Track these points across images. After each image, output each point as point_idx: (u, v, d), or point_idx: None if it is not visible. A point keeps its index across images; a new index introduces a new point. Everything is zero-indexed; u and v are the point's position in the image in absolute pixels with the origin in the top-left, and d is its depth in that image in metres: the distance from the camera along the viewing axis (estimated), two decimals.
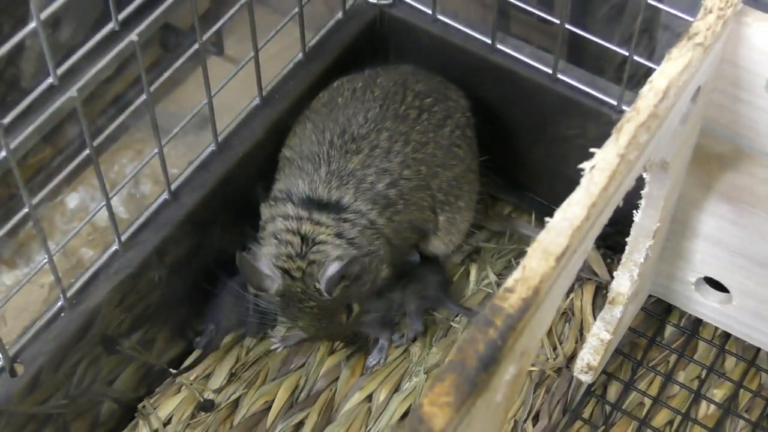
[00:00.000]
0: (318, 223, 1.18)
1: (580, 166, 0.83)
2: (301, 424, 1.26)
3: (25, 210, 1.02)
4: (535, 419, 1.26)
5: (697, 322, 1.32)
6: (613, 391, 1.28)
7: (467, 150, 1.29)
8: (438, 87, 1.29)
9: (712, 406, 1.27)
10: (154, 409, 1.27)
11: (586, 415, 1.26)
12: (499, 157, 1.33)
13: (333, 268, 1.15)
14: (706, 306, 1.28)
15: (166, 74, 1.13)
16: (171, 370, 1.28)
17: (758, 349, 1.30)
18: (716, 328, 1.32)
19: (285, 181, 1.23)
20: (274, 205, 1.21)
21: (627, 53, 1.18)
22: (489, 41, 1.30)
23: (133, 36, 1.03)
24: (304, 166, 1.21)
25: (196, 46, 1.13)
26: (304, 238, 1.17)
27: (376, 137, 1.21)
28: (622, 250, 1.13)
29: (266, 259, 1.18)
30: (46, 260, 1.07)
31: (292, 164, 1.23)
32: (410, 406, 1.27)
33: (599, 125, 1.25)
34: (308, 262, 1.17)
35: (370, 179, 1.20)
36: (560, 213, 0.81)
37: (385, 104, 1.24)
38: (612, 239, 1.32)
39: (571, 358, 1.29)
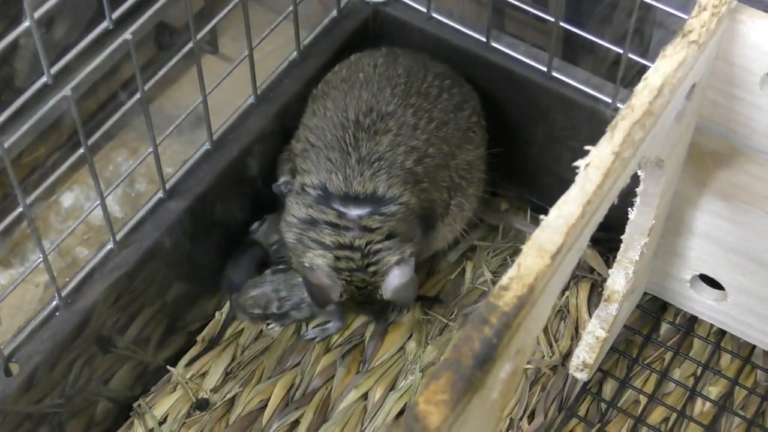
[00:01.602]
0: (366, 229, 1.18)
1: (575, 163, 0.83)
2: (296, 422, 1.26)
3: (20, 209, 1.02)
4: (531, 417, 1.26)
5: (693, 320, 1.33)
6: (609, 388, 1.28)
7: (481, 138, 1.30)
8: (453, 74, 1.29)
9: (708, 404, 1.27)
10: (150, 407, 1.27)
11: (581, 412, 1.26)
12: (494, 154, 1.33)
13: (397, 278, 1.19)
14: (702, 303, 1.28)
15: (161, 73, 1.13)
16: None
17: (753, 347, 1.30)
18: (711, 326, 1.32)
19: (317, 174, 1.20)
20: (313, 205, 1.19)
21: (621, 51, 1.18)
22: (484, 39, 1.30)
23: (128, 35, 1.03)
24: (332, 156, 1.19)
25: (190, 44, 1.13)
26: (361, 251, 1.18)
27: (403, 113, 1.21)
28: (617, 249, 1.13)
29: (321, 270, 1.19)
30: (40, 259, 1.07)
31: (319, 154, 1.21)
32: (406, 404, 1.27)
33: (594, 123, 1.25)
34: (371, 273, 1.19)
35: (400, 159, 1.20)
36: (555, 210, 0.81)
37: (410, 80, 1.24)
38: (605, 245, 1.32)
39: (567, 355, 1.29)
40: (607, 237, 1.16)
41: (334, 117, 1.22)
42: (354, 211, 1.18)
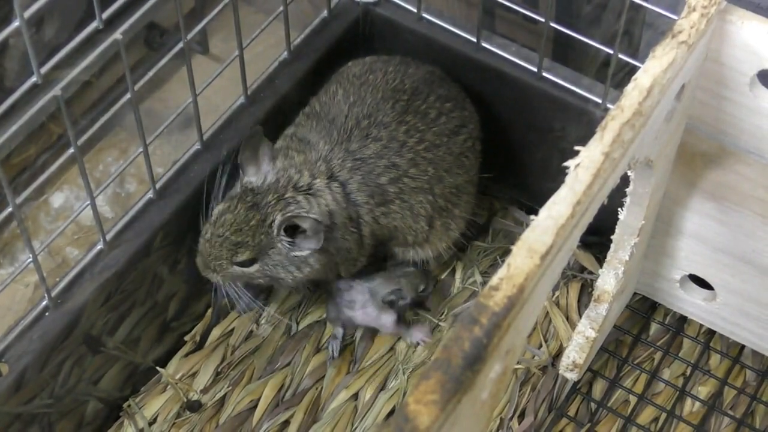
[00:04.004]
0: (330, 189, 1.19)
1: (565, 164, 0.83)
2: (287, 422, 1.26)
3: (10, 209, 1.02)
4: (521, 417, 1.26)
5: (682, 320, 1.33)
6: (599, 388, 1.28)
7: (473, 162, 1.30)
8: (458, 96, 1.30)
9: (697, 404, 1.27)
10: (140, 408, 1.26)
11: (571, 412, 1.26)
12: (484, 154, 1.33)
13: (302, 218, 1.16)
14: (691, 303, 1.28)
15: (151, 73, 1.13)
16: None
17: (743, 346, 1.30)
18: (701, 326, 1.32)
19: (307, 133, 1.23)
20: (297, 142, 1.22)
21: (611, 51, 1.19)
22: (474, 39, 1.30)
23: (117, 35, 1.02)
24: (330, 130, 1.22)
25: (180, 44, 1.13)
26: (311, 184, 1.18)
27: (396, 128, 1.22)
28: (607, 249, 1.14)
29: (270, 161, 1.19)
30: (30, 259, 1.07)
31: (319, 121, 1.24)
32: (396, 404, 1.27)
33: (584, 123, 1.25)
34: (295, 198, 1.18)
35: (378, 171, 1.21)
36: (545, 211, 0.81)
37: (412, 98, 1.25)
38: (597, 248, 1.32)
39: (557, 355, 1.30)
40: (599, 241, 1.16)
41: (341, 102, 1.24)
42: (327, 174, 1.20)
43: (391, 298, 1.27)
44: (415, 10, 1.33)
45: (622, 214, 1.08)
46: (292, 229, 1.18)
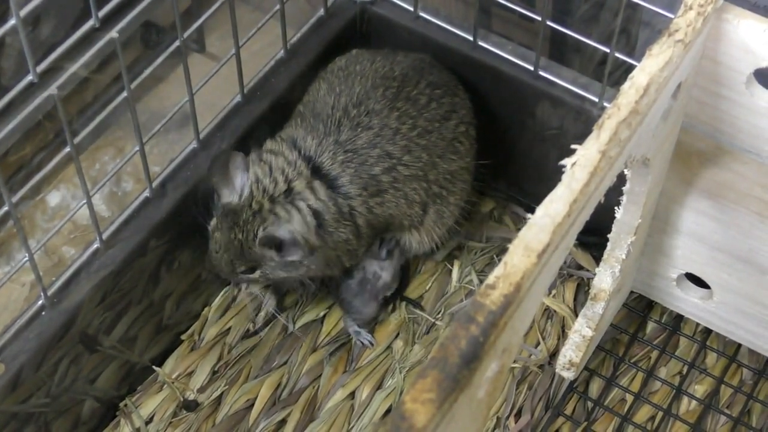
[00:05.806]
0: (311, 188, 1.18)
1: (562, 162, 0.83)
2: (283, 422, 1.26)
3: (6, 208, 1.02)
4: (518, 415, 1.26)
5: (679, 318, 1.33)
6: (595, 387, 1.28)
7: (468, 148, 1.30)
8: (449, 82, 1.29)
9: (694, 402, 1.27)
10: (136, 407, 1.26)
11: (568, 411, 1.26)
12: (480, 153, 1.33)
13: (281, 231, 1.16)
14: (688, 302, 1.28)
15: (147, 71, 1.13)
16: None
17: (739, 345, 1.30)
18: (697, 324, 1.32)
19: (293, 131, 1.23)
20: (279, 142, 1.21)
21: (608, 50, 1.19)
22: (471, 38, 1.30)
23: (114, 33, 1.02)
24: (315, 125, 1.21)
25: (177, 43, 1.13)
26: (288, 189, 1.18)
27: (388, 115, 1.22)
28: (604, 248, 1.14)
29: (244, 174, 1.18)
30: (26, 258, 1.07)
31: (304, 119, 1.23)
32: (393, 403, 1.27)
33: (581, 122, 1.25)
34: (272, 210, 1.17)
35: (371, 161, 1.21)
36: (542, 209, 0.81)
37: (402, 85, 1.24)
38: (597, 249, 1.32)
39: (554, 354, 1.30)
40: (596, 241, 1.17)
41: (326, 97, 1.24)
42: (312, 176, 1.19)
43: (386, 248, 1.30)
44: (411, 9, 1.33)
45: (619, 213, 1.08)
46: (278, 241, 1.18)
